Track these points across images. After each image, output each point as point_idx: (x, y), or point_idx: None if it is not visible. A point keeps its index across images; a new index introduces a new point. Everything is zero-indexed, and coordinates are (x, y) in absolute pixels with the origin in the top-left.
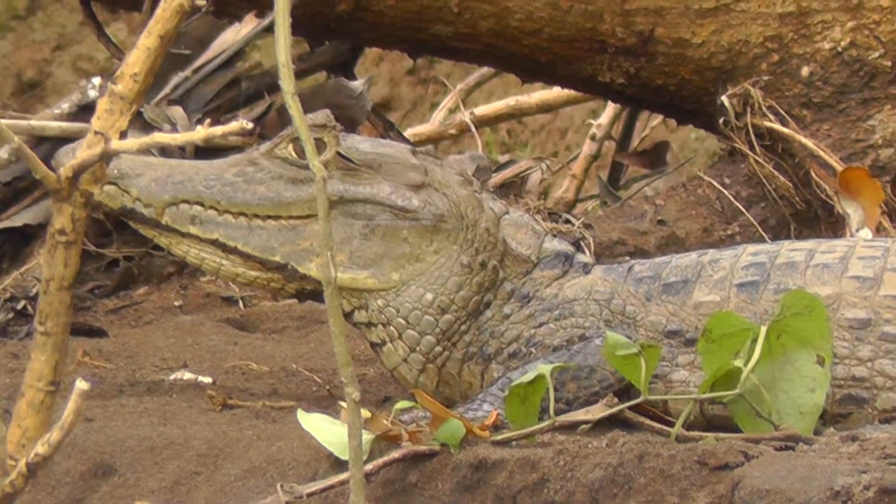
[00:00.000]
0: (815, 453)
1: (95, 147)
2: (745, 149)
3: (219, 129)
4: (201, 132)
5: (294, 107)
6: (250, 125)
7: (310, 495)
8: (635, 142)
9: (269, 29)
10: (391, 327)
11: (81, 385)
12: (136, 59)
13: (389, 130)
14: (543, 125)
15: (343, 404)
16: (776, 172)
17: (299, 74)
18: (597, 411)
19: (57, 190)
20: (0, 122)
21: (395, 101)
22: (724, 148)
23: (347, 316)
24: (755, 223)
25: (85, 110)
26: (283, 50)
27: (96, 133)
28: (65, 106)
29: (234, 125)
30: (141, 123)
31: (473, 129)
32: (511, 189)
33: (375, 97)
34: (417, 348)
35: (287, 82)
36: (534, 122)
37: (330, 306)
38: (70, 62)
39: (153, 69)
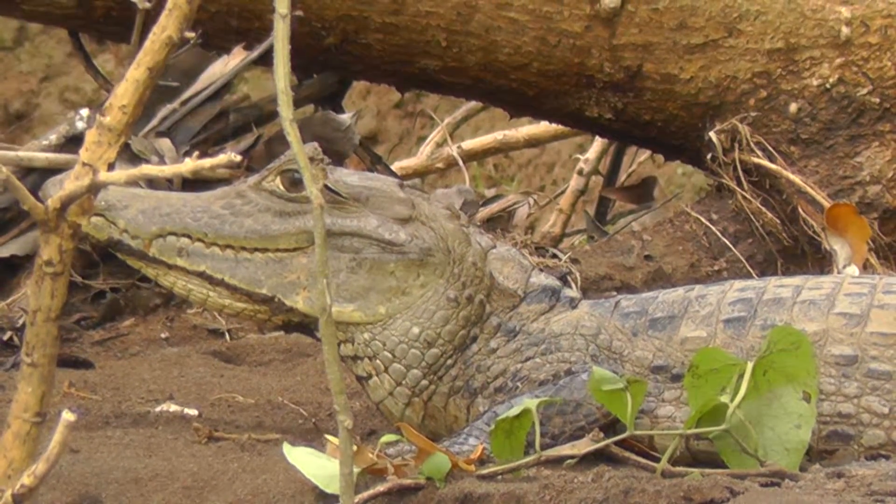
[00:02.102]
0: (801, 489)
1: (83, 178)
2: (733, 185)
3: (207, 162)
4: (189, 164)
5: (292, 133)
6: (238, 158)
7: None
8: (622, 177)
9: (257, 62)
10: (377, 360)
11: (67, 416)
12: (125, 91)
13: (377, 164)
14: (530, 159)
15: (330, 437)
16: (763, 208)
17: None
18: (582, 446)
19: (45, 221)
20: None
21: (383, 135)
22: (711, 184)
23: None
24: (742, 259)
25: (73, 142)
26: (281, 77)
27: (84, 164)
28: (52, 137)
29: (222, 158)
30: (129, 155)
31: (461, 162)
32: (498, 223)
33: (363, 130)
34: (403, 382)
35: (285, 109)
36: (521, 156)
37: (324, 334)
38: (57, 93)
39: (142, 101)
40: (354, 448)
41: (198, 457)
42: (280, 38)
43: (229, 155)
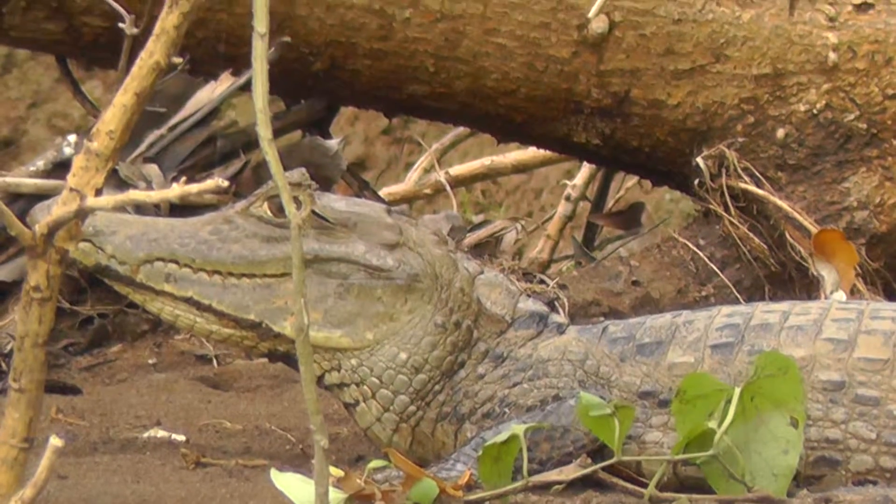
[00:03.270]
0: None
1: (71, 204)
2: (720, 210)
3: (194, 187)
4: (177, 190)
5: (270, 152)
6: (226, 183)
7: None
8: (610, 202)
9: (245, 87)
10: (365, 387)
11: (55, 442)
12: (112, 117)
13: (364, 189)
14: (518, 185)
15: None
16: (751, 234)
17: (275, 133)
18: (570, 472)
19: (32, 247)
20: None
21: (370, 161)
22: (698, 209)
23: (319, 379)
24: (730, 284)
25: (60, 167)
26: (260, 96)
27: (72, 190)
28: (40, 163)
29: (209, 183)
30: (116, 181)
31: (449, 188)
32: (486, 249)
33: (350, 156)
34: (391, 408)
35: (264, 128)
36: (508, 182)
37: (301, 353)
38: (45, 119)
39: (129, 126)
40: (342, 474)
41: (186, 482)
42: (258, 57)
43: (217, 180)
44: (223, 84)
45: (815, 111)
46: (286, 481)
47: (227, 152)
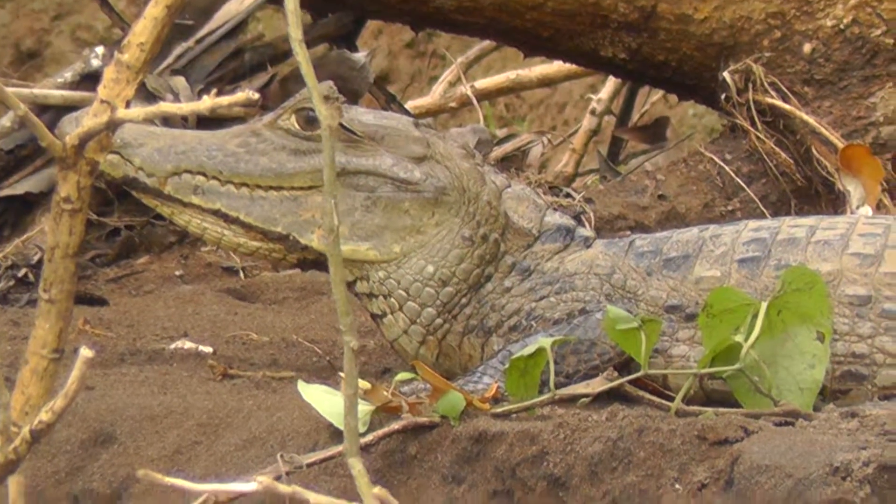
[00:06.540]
0: (815, 429)
1: (101, 116)
2: (747, 125)
3: (225, 100)
4: (207, 102)
5: (301, 54)
6: (256, 96)
7: (309, 465)
8: (635, 117)
9: (271, 0)
10: (392, 299)
11: (86, 353)
12: (143, 29)
13: (391, 103)
14: (542, 99)
15: (343, 374)
16: (777, 149)
17: None
18: (596, 385)
19: (63, 158)
20: (5, 89)
21: (394, 75)
22: (724, 124)
23: (349, 286)
24: (756, 199)
25: (87, 79)
26: None
27: (102, 102)
28: (67, 75)
29: (239, 95)
30: (144, 93)
31: (475, 102)
32: (512, 163)
33: (374, 70)
34: (418, 320)
35: (294, 30)
36: (532, 95)
37: (331, 254)
38: (69, 31)
39: (160, 39)
40: (368, 386)
41: (212, 394)
42: None
43: (247, 93)
44: None
45: (841, 26)
46: (313, 393)
47: (255, 65)
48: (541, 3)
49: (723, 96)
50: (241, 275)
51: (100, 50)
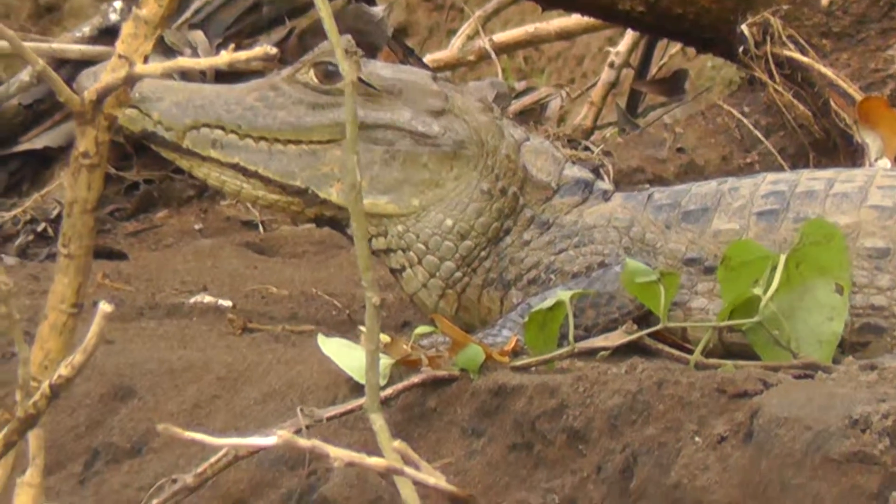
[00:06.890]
0: (834, 382)
1: (119, 71)
2: (765, 77)
3: (243, 54)
4: (225, 57)
5: (324, 8)
6: (274, 50)
7: (329, 419)
8: (653, 70)
9: None
10: (411, 253)
11: (105, 307)
12: None
13: (409, 56)
14: (560, 52)
15: (363, 328)
16: (795, 101)
17: None
18: (616, 338)
19: (81, 113)
20: (24, 44)
21: (412, 28)
22: (743, 77)
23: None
24: (774, 152)
25: (106, 34)
26: None
27: (121, 56)
28: (86, 29)
29: (258, 50)
30: (162, 48)
31: (493, 55)
32: (530, 116)
33: (392, 24)
34: (437, 274)
35: None
36: (550, 48)
37: (353, 210)
38: None
39: None
40: (388, 340)
41: (232, 348)
42: None
43: (266, 47)
44: None
45: None
46: (333, 346)
47: (273, 19)
48: None
49: (741, 49)
50: (261, 229)
51: (118, 4)
